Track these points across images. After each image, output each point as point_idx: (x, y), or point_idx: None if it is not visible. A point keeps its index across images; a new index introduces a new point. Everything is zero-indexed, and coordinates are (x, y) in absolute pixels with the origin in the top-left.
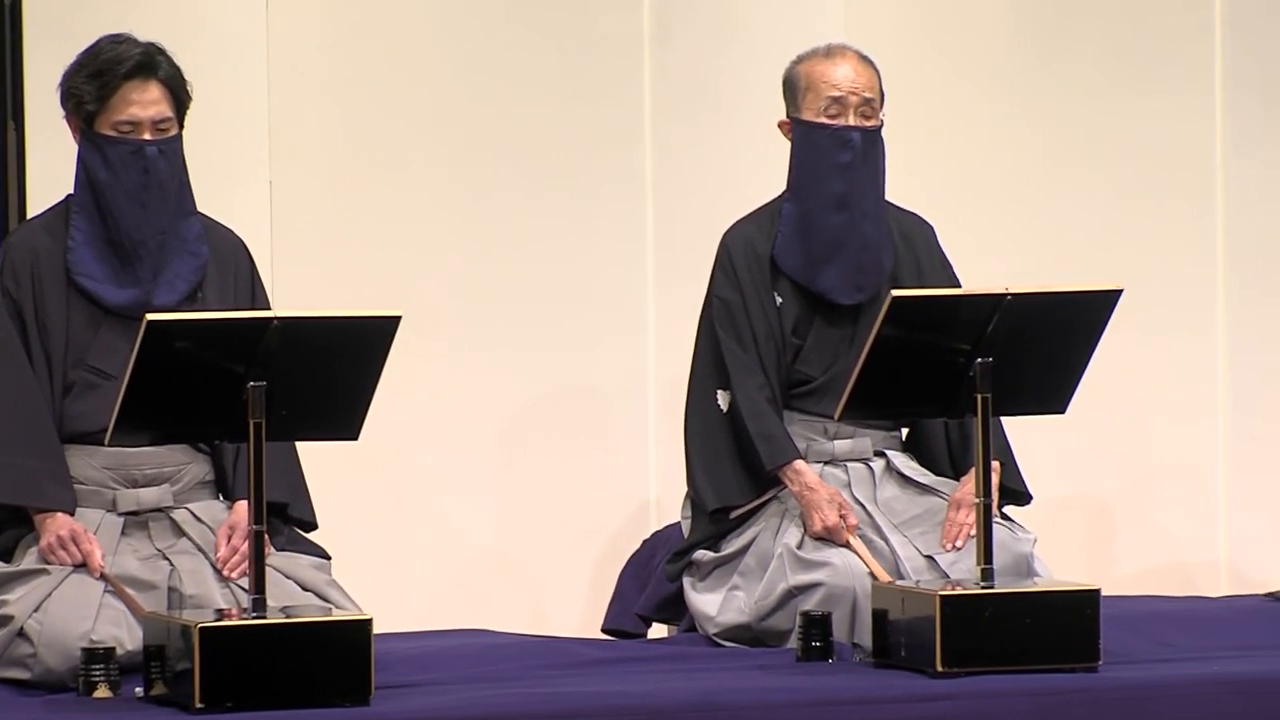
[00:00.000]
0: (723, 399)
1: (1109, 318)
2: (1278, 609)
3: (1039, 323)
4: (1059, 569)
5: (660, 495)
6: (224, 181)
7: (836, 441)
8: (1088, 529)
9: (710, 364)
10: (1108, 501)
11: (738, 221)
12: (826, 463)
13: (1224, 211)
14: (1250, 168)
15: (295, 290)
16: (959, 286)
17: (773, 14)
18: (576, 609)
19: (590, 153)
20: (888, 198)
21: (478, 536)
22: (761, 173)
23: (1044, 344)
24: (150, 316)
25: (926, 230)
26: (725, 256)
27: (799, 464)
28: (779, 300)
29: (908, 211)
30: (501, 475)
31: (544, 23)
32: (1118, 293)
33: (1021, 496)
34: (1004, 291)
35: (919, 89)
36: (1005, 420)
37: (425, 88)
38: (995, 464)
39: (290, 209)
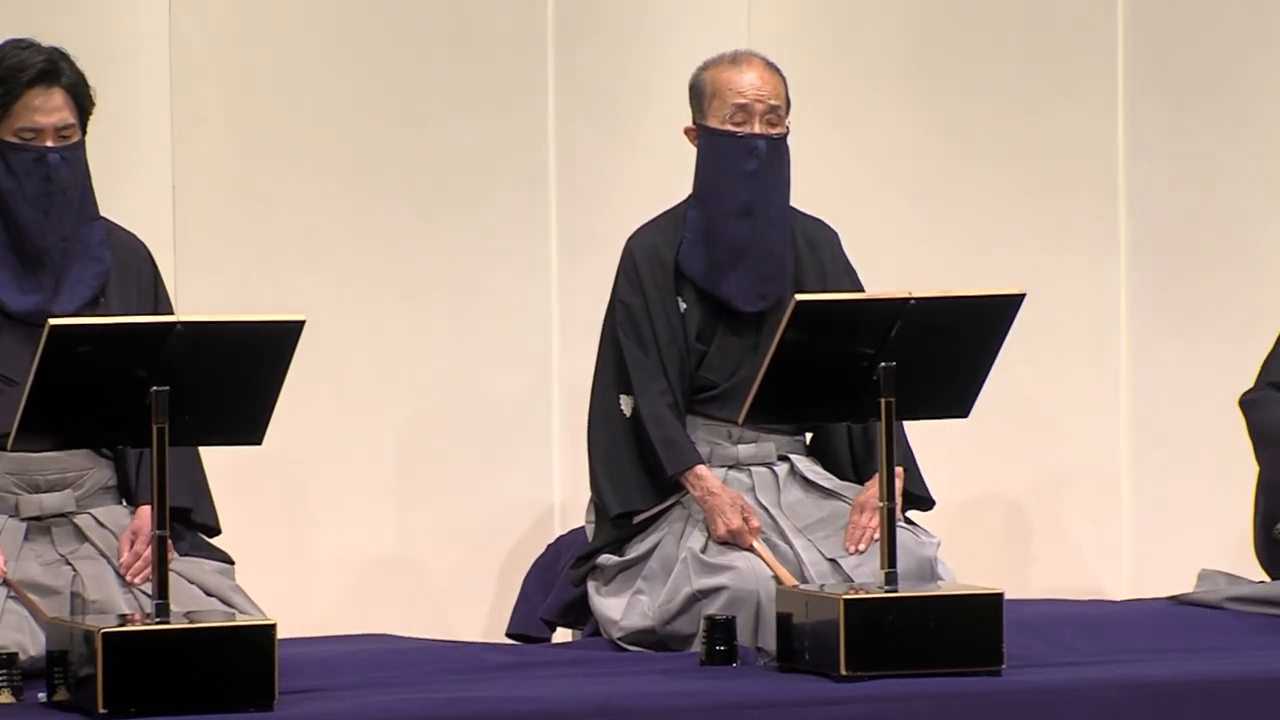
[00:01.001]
0: (626, 404)
1: (1012, 321)
2: (1180, 612)
3: (942, 327)
4: (969, 572)
5: (565, 501)
6: (126, 186)
7: (740, 446)
8: (996, 532)
9: (613, 369)
10: (1016, 504)
11: (642, 227)
12: (730, 467)
13: (1126, 213)
14: (1152, 169)
15: (198, 295)
16: (862, 292)
17: (676, 18)
18: (481, 615)
19: (493, 157)
20: (792, 203)
21: (381, 543)
22: (666, 178)
23: (947, 348)
24: (52, 321)
25: (831, 236)
26: (629, 262)
27: (701, 469)
28: (683, 306)
29: (812, 217)
30: (404, 481)
31: (446, 25)
32: (1020, 296)
33: (924, 502)
34: (907, 296)
35: (823, 94)
36: (911, 424)
37: (327, 91)
38: (899, 470)
39: (193, 213)
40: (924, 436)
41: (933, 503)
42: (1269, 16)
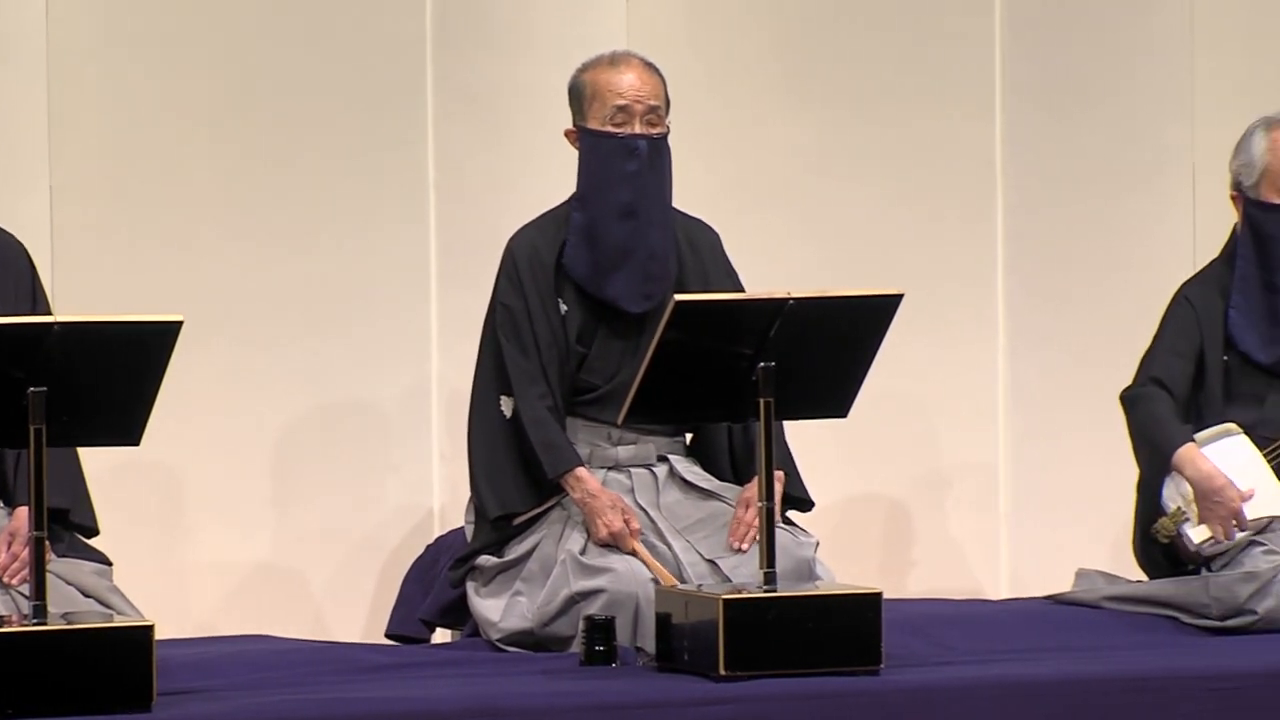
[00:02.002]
0: (506, 405)
1: (890, 321)
2: (1058, 612)
3: (821, 327)
4: (849, 572)
5: (444, 506)
6: (3, 186)
7: (620, 447)
8: (876, 532)
9: (493, 371)
10: (895, 504)
11: (523, 227)
12: (610, 468)
13: (1003, 215)
14: (1029, 171)
15: (76, 295)
16: (743, 293)
17: (555, 19)
18: (360, 617)
19: (372, 158)
20: (673, 204)
21: (259, 545)
22: (546, 179)
23: (826, 348)
24: None
25: (712, 237)
26: (510, 263)
27: (581, 471)
28: (564, 308)
29: (693, 218)
30: (282, 484)
31: (325, 26)
32: (898, 297)
33: (803, 503)
34: (786, 296)
35: (703, 95)
36: (792, 424)
37: (206, 91)
38: (779, 473)
39: (71, 213)
40: (804, 436)
41: (811, 504)
42: (1144, 19)
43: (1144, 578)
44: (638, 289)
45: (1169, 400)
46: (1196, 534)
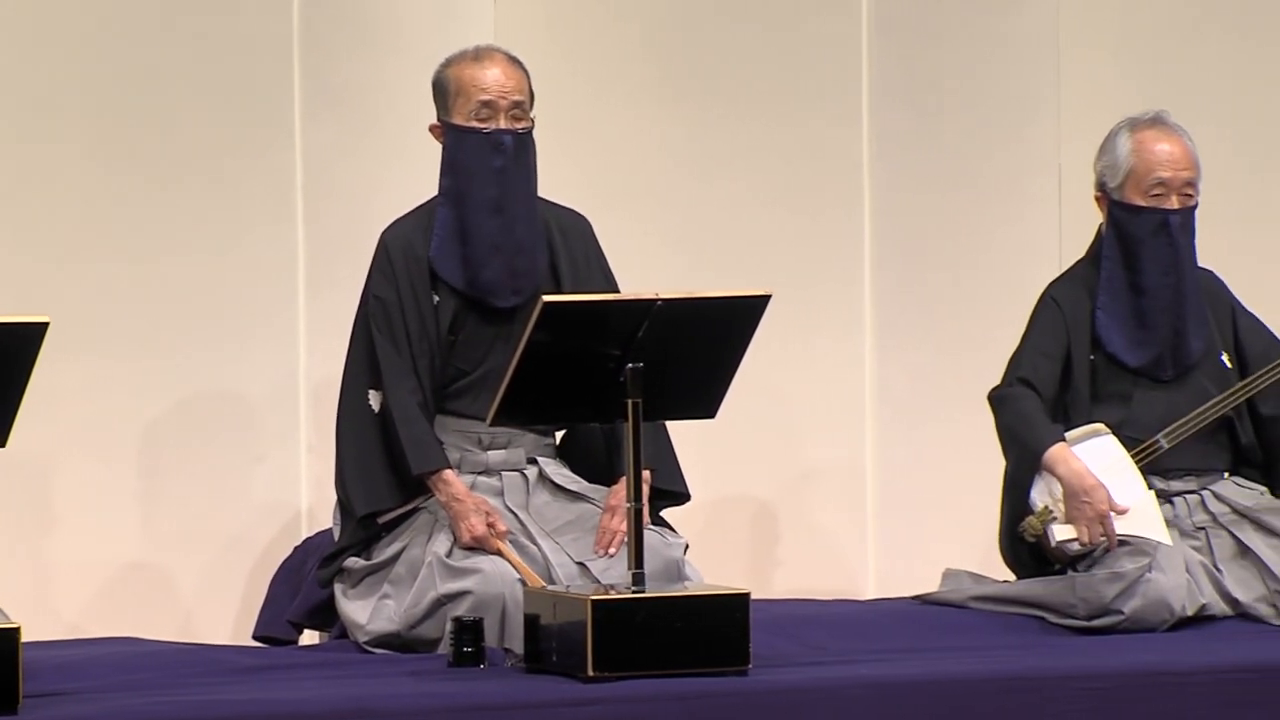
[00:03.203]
0: (374, 399)
1: (758, 322)
2: (925, 612)
3: (689, 328)
4: (718, 573)
5: (313, 505)
6: None
7: (490, 452)
8: (745, 532)
9: (364, 363)
10: (764, 504)
11: (396, 221)
12: (480, 473)
13: (870, 215)
14: (896, 172)
15: None
16: (614, 284)
17: (423, 16)
18: (228, 620)
19: (239, 155)
20: (543, 195)
21: (124, 546)
22: (415, 177)
23: (694, 349)
24: None
25: (584, 225)
26: (384, 255)
27: (447, 474)
28: (436, 299)
29: (564, 207)
30: (148, 483)
31: (190, 24)
32: (766, 297)
33: (680, 497)
34: (654, 297)
35: (570, 93)
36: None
37: (73, 90)
38: (646, 472)
39: None
40: (673, 437)
41: (688, 497)
42: (1010, 21)
43: (1011, 577)
44: (507, 283)
45: (1037, 400)
46: (1061, 532)
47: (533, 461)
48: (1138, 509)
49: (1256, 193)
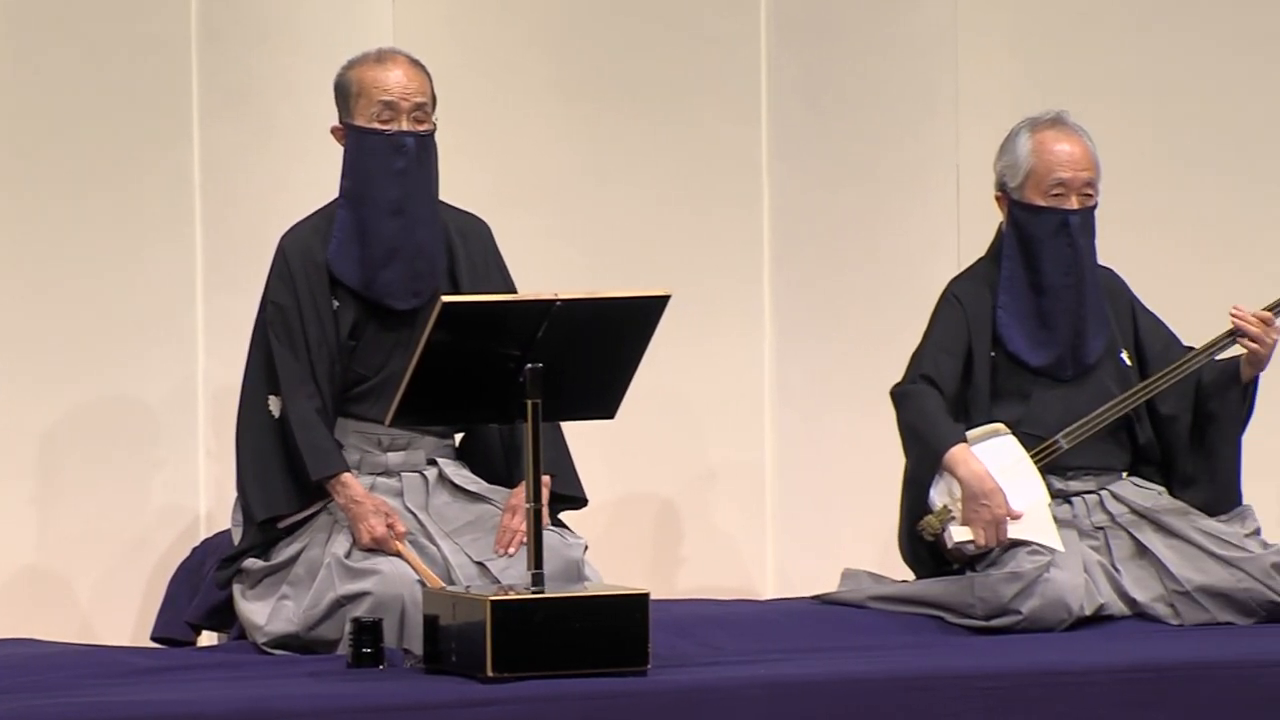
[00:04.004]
0: (274, 405)
1: (657, 322)
2: (825, 611)
3: (588, 328)
4: (619, 573)
5: (212, 509)
6: None
7: (390, 454)
8: (646, 532)
9: (263, 370)
10: (665, 504)
11: (296, 225)
12: (380, 474)
13: (769, 214)
14: (794, 171)
15: None
16: (513, 289)
17: (322, 16)
18: (127, 623)
19: (136, 157)
20: (443, 197)
21: (21, 550)
22: (315, 178)
23: (593, 349)
24: None
25: (483, 229)
26: (282, 261)
27: (346, 476)
28: (336, 304)
29: (464, 211)
30: (45, 488)
31: (86, 21)
32: (665, 298)
33: (578, 501)
34: (553, 298)
35: (470, 94)
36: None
37: None
38: (546, 476)
39: None
40: (573, 438)
41: (585, 501)
42: (908, 20)
43: (910, 576)
44: (406, 286)
45: (939, 397)
46: (959, 533)
47: (432, 463)
48: (1031, 513)
49: (1156, 192)
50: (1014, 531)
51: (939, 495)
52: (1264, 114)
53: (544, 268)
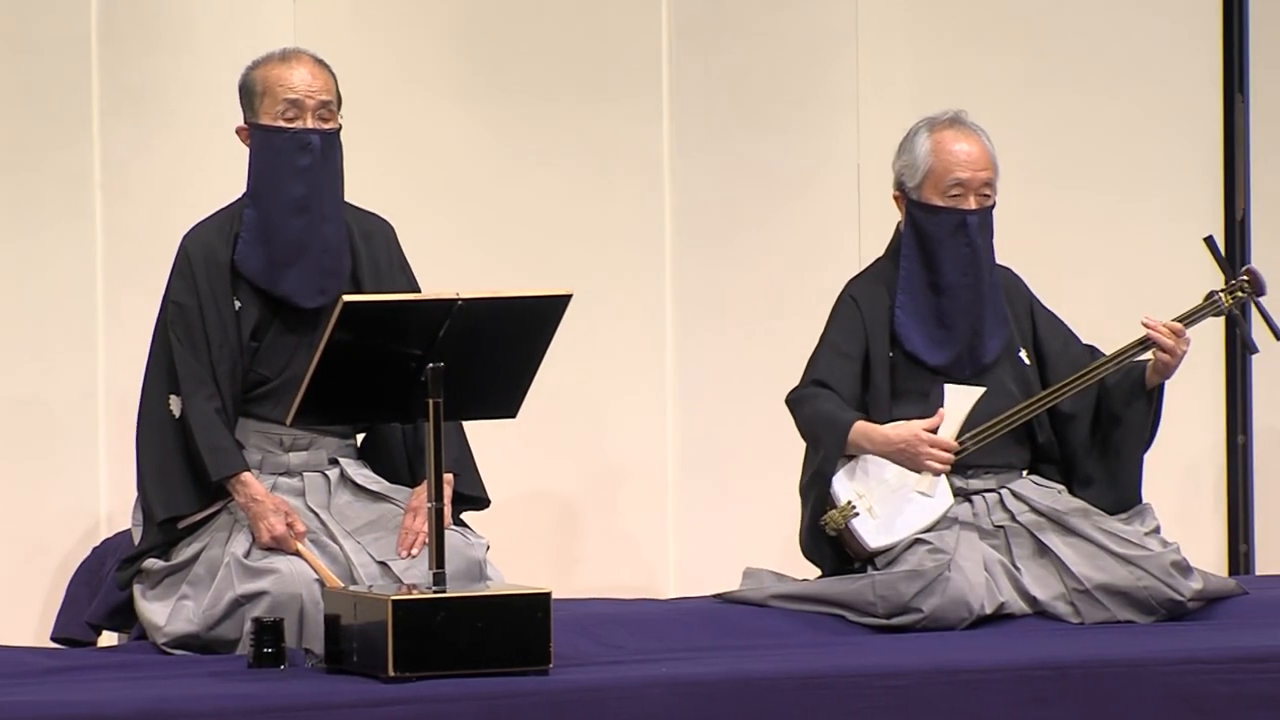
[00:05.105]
0: (175, 405)
1: (559, 321)
2: (725, 610)
3: (490, 327)
4: (521, 572)
5: (112, 511)
6: None
7: (292, 454)
8: (548, 531)
9: (163, 369)
10: (567, 503)
11: (198, 225)
12: (282, 474)
13: (671, 214)
14: (696, 170)
15: None
16: (417, 288)
17: (222, 16)
18: (28, 626)
19: (35, 156)
20: (346, 200)
21: None
22: (215, 178)
23: (495, 348)
24: None
25: (387, 230)
26: (184, 261)
27: (246, 476)
28: (238, 305)
29: (367, 212)
30: None
31: None
32: (567, 297)
33: (480, 502)
34: (454, 297)
35: (374, 92)
36: (466, 424)
37: None
38: (449, 475)
39: None
40: (475, 437)
41: (488, 502)
42: (809, 20)
43: (812, 572)
44: (312, 284)
45: (835, 398)
46: (861, 527)
47: (334, 462)
48: (929, 501)
49: (1053, 192)
50: (918, 523)
51: (843, 490)
52: (1160, 112)
53: (448, 265)
